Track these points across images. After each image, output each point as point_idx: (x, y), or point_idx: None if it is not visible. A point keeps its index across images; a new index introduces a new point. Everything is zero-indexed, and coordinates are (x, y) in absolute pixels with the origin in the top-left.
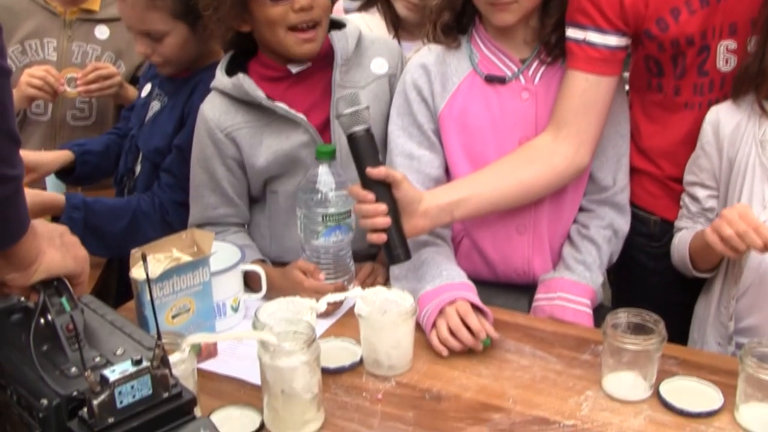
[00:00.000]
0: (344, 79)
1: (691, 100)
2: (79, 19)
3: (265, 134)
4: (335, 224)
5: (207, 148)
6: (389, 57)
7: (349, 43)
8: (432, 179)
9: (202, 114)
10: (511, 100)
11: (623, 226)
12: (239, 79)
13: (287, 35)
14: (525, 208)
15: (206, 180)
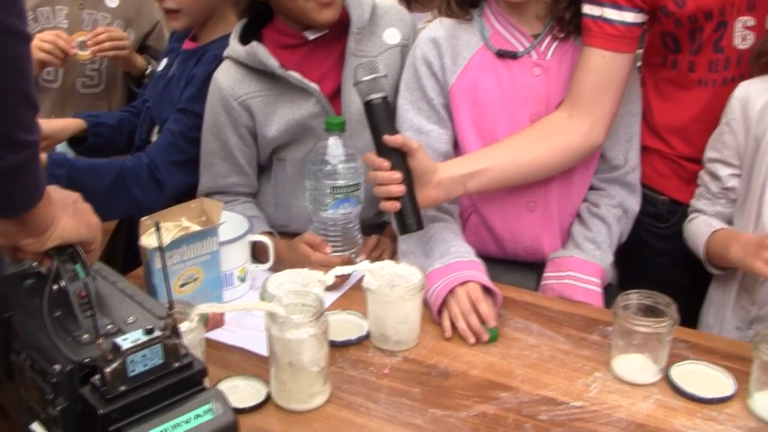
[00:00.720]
0: (358, 47)
1: (705, 77)
2: None
3: (279, 103)
4: (344, 196)
5: (220, 116)
6: (402, 27)
7: (364, 11)
8: (441, 154)
9: (215, 82)
10: (522, 76)
11: (634, 205)
12: (253, 47)
13: (306, 3)
14: (535, 185)
15: (218, 148)
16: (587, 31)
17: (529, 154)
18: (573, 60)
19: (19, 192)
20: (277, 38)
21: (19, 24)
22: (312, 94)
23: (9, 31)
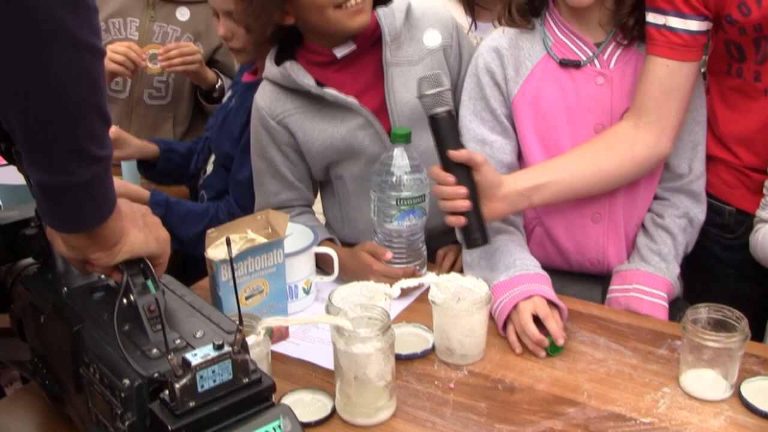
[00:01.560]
0: (396, 56)
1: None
2: (161, 0)
3: (317, 119)
4: (409, 208)
5: (262, 136)
6: (442, 28)
7: (396, 19)
8: (505, 165)
9: (255, 104)
10: (585, 85)
11: (699, 215)
12: (287, 67)
13: (336, 13)
14: (600, 196)
15: (265, 167)
16: (651, 40)
17: (595, 166)
18: (636, 68)
19: (90, 206)
20: (310, 57)
21: (95, 40)
22: (352, 108)
23: (85, 46)
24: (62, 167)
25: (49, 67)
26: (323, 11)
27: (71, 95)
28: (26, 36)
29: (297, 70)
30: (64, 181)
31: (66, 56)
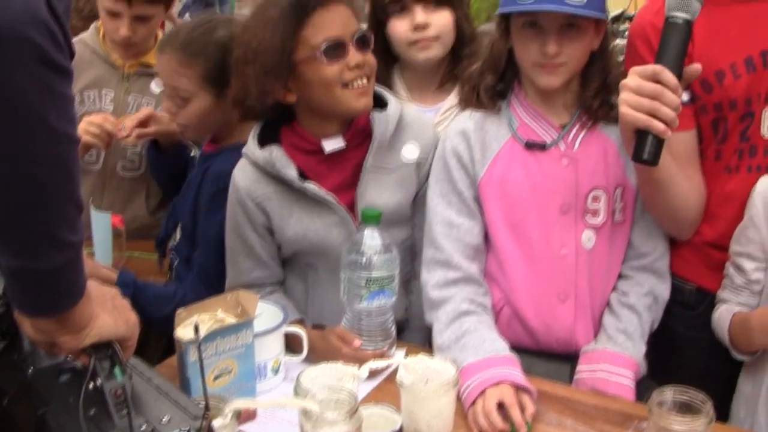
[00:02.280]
0: (375, 162)
1: (732, 164)
2: (137, 72)
3: (295, 208)
4: (379, 288)
5: (238, 215)
6: (423, 143)
7: (388, 128)
8: (472, 247)
9: (233, 180)
10: (551, 167)
11: (664, 292)
12: (272, 154)
13: (343, 92)
14: (566, 276)
15: (240, 245)
16: None
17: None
18: (600, 148)
19: (61, 291)
20: (296, 141)
21: (71, 129)
22: (329, 205)
23: (62, 136)
24: (34, 253)
25: (25, 155)
26: (331, 89)
27: (46, 183)
28: (2, 124)
29: (281, 158)
30: (36, 267)
31: (42, 145)
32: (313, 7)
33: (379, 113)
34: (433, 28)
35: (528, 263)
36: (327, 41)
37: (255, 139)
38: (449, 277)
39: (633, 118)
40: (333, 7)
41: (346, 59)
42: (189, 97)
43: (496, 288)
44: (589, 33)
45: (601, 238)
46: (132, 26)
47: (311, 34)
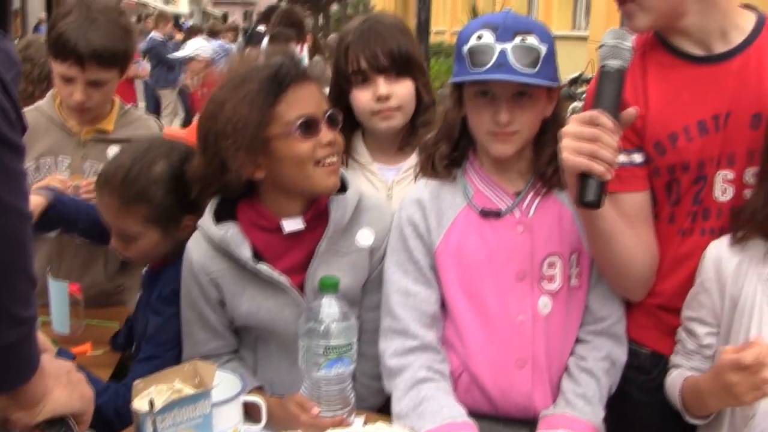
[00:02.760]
0: (328, 246)
1: (686, 227)
2: (93, 138)
3: (248, 286)
4: (337, 356)
5: (192, 289)
6: (379, 229)
7: (346, 213)
8: (429, 315)
9: (188, 253)
10: (506, 234)
11: (621, 356)
12: (227, 233)
13: (315, 169)
14: (523, 342)
15: (195, 317)
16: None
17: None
18: (555, 214)
19: (14, 367)
20: (254, 219)
21: (21, 203)
22: (282, 287)
23: (11, 210)
24: None
25: None
26: (303, 166)
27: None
28: None
29: (236, 238)
30: None
31: None
32: (289, 84)
33: (338, 197)
34: (395, 98)
35: (485, 330)
36: (301, 118)
37: (211, 214)
38: (407, 345)
39: (574, 162)
40: (306, 85)
41: (318, 136)
42: (136, 236)
43: (454, 355)
44: (542, 101)
45: (557, 304)
46: (86, 91)
47: (286, 111)
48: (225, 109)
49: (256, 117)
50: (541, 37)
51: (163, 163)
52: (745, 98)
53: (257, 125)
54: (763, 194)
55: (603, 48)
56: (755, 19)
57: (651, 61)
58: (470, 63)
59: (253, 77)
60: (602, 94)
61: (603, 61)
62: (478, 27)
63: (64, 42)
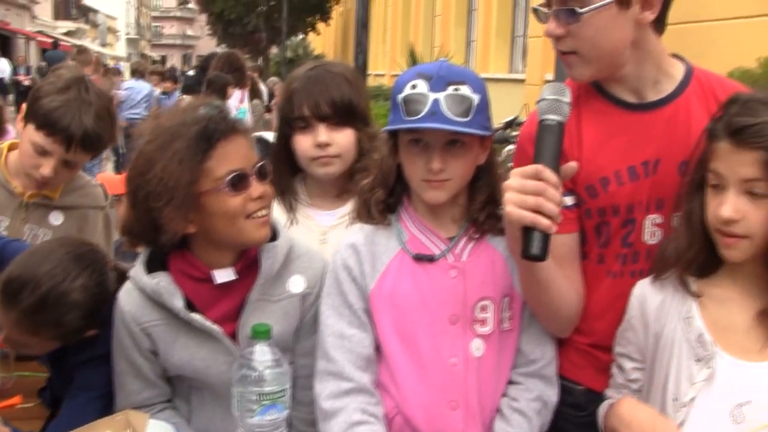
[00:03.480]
0: (260, 294)
1: (616, 269)
2: (36, 203)
3: (181, 335)
4: (271, 403)
5: (125, 339)
6: (310, 275)
7: (276, 261)
8: (363, 358)
9: (119, 304)
10: (439, 278)
11: (552, 397)
12: (159, 284)
13: (246, 223)
14: (456, 384)
15: (127, 367)
16: None
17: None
18: (488, 259)
19: None
20: (186, 269)
21: None
22: (214, 335)
23: None
24: None
25: None
26: (234, 220)
27: None
28: None
29: (168, 288)
30: None
31: None
32: (217, 139)
33: (268, 246)
34: (335, 146)
35: (419, 373)
36: (231, 173)
37: (143, 265)
38: (342, 387)
39: (519, 216)
40: (234, 139)
41: (249, 191)
42: (32, 345)
43: (388, 397)
44: (475, 149)
45: (489, 347)
46: (56, 168)
47: (215, 166)
48: (155, 168)
49: (186, 175)
50: (473, 87)
51: (81, 285)
52: (674, 146)
53: (188, 183)
54: (687, 237)
55: (542, 102)
56: (683, 69)
57: (585, 106)
58: (404, 111)
59: (182, 134)
60: (543, 148)
61: (542, 116)
62: (413, 77)
63: (56, 119)
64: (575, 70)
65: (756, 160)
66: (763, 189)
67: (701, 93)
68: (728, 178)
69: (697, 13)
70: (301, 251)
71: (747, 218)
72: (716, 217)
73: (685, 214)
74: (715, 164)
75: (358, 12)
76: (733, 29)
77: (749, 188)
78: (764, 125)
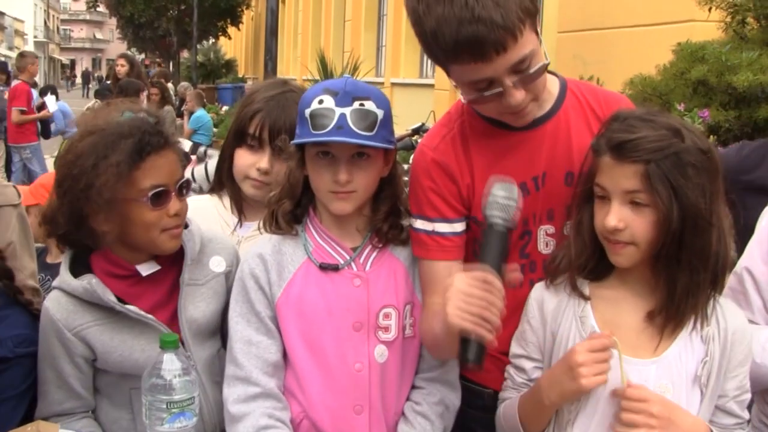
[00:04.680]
0: (190, 276)
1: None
2: None
3: (116, 331)
4: (180, 411)
5: (54, 347)
6: (226, 255)
7: (196, 243)
8: (270, 364)
9: (47, 313)
10: (344, 287)
11: (455, 401)
12: (90, 283)
13: (160, 235)
14: (361, 389)
15: (53, 378)
16: (423, 245)
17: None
18: (390, 269)
19: None
20: (109, 268)
21: None
22: (150, 324)
23: None
24: None
25: None
26: (149, 231)
27: None
28: None
29: (99, 286)
30: None
31: None
32: (148, 153)
33: (186, 232)
34: (273, 175)
35: (324, 378)
36: (154, 188)
37: (67, 270)
38: (249, 392)
39: (460, 323)
40: (164, 154)
41: (167, 206)
42: None
43: (294, 402)
44: (379, 162)
45: (393, 353)
46: None
47: (141, 177)
48: (85, 165)
49: (111, 180)
50: (377, 102)
51: None
52: (558, 158)
53: (111, 188)
54: (578, 245)
55: (492, 202)
56: (559, 83)
57: (470, 130)
58: (312, 126)
59: (115, 141)
60: (489, 251)
61: (491, 216)
62: (320, 92)
63: None
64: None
65: (636, 172)
66: (643, 199)
67: (577, 104)
68: (612, 191)
69: (599, 21)
70: (210, 235)
71: (631, 226)
72: (603, 227)
73: (576, 223)
74: (599, 178)
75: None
76: (633, 37)
77: (631, 199)
78: (642, 140)
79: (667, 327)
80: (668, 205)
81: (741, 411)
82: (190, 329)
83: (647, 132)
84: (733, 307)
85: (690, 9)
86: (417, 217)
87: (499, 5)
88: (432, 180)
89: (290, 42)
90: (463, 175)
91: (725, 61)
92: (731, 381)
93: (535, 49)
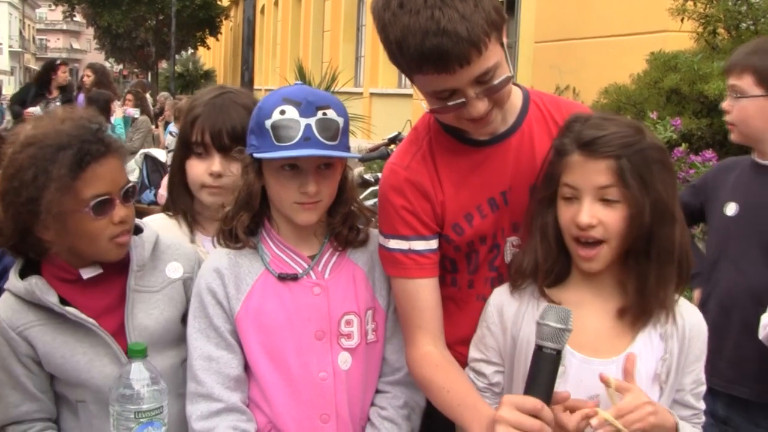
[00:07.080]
0: (139, 283)
1: (484, 292)
2: None
3: (58, 332)
4: (148, 420)
5: (2, 347)
6: (185, 261)
7: (145, 250)
8: (232, 379)
9: None
10: (304, 296)
11: (420, 401)
12: (31, 284)
13: (106, 243)
14: (326, 397)
15: (5, 378)
16: (399, 264)
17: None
18: (349, 275)
19: None
20: (56, 272)
21: None
22: (92, 329)
23: None
24: None
25: None
26: (95, 241)
27: None
28: None
29: (41, 287)
30: None
31: None
32: (89, 162)
33: (135, 238)
34: (227, 177)
35: (289, 389)
36: (96, 197)
37: (16, 273)
38: (212, 408)
39: None
40: (105, 162)
41: (111, 214)
42: None
43: (260, 414)
44: (340, 169)
45: (356, 359)
46: None
47: (82, 188)
48: (24, 177)
49: (51, 193)
50: (337, 110)
51: None
52: (522, 172)
53: (51, 200)
54: (543, 249)
55: (545, 328)
56: (522, 95)
57: (437, 146)
58: (275, 137)
59: (56, 157)
60: (539, 379)
61: (542, 342)
62: (279, 102)
63: None
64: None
65: (607, 167)
66: (614, 195)
67: (540, 116)
68: (582, 188)
69: (575, 31)
70: (169, 241)
71: (603, 222)
72: (575, 224)
73: (540, 228)
74: (567, 177)
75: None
76: (608, 47)
77: (602, 195)
78: (612, 135)
79: (636, 324)
80: (640, 198)
81: (697, 402)
82: (141, 337)
83: (615, 128)
84: (689, 305)
85: (663, 20)
86: (390, 237)
87: (465, 18)
88: (405, 199)
89: (269, 52)
90: (437, 193)
91: (697, 70)
92: (688, 375)
93: (500, 61)
